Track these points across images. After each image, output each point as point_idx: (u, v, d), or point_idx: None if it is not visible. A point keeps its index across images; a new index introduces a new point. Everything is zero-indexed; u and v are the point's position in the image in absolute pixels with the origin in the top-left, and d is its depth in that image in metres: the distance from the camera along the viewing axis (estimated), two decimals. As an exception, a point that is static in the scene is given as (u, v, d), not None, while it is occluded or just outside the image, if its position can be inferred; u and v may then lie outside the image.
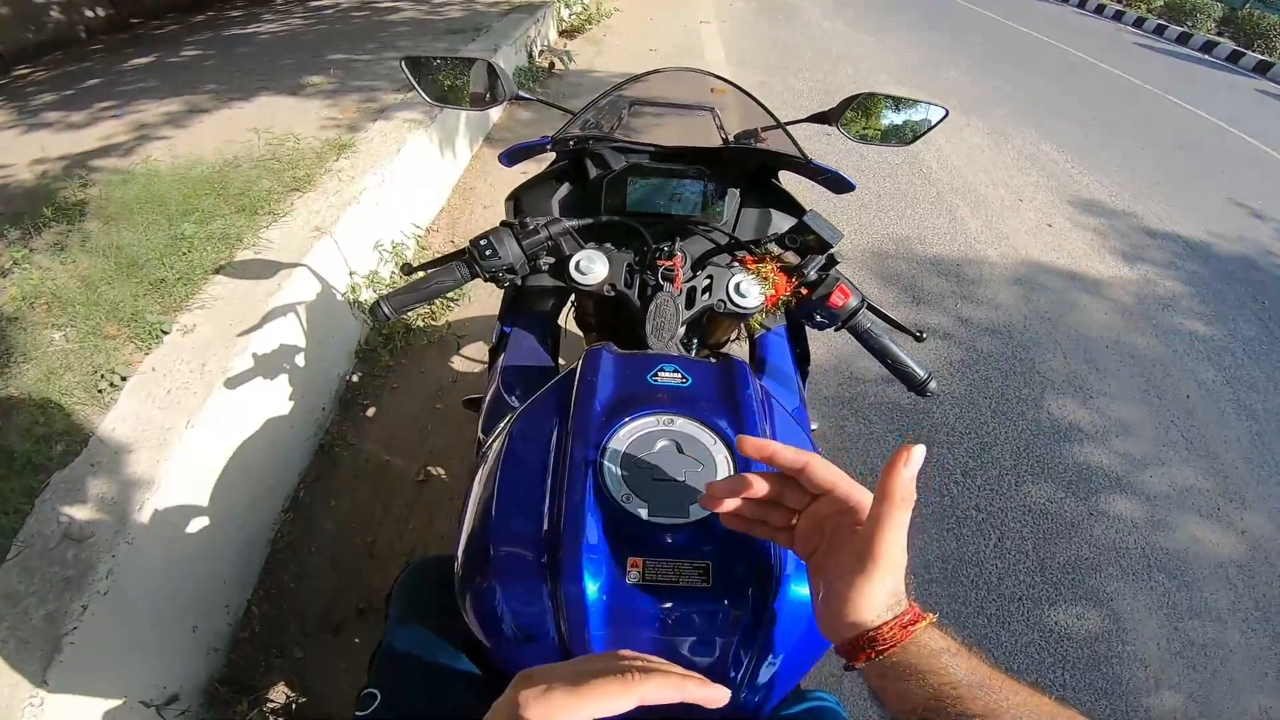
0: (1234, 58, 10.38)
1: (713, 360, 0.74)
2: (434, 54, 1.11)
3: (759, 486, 0.49)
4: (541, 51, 5.08)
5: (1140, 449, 2.29)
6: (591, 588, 0.54)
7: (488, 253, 0.85)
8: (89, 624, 1.07)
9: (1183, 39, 11.42)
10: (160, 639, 1.28)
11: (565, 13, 5.89)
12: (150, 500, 1.23)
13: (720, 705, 0.40)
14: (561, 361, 1.04)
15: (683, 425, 0.63)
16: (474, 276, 0.87)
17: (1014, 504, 2.02)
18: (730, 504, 0.50)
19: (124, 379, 1.46)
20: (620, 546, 0.56)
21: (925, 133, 1.13)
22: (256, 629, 1.54)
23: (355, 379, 2.15)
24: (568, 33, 5.90)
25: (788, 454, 0.48)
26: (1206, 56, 10.57)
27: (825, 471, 0.47)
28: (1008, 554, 1.89)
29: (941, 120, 1.12)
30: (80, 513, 1.19)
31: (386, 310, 0.85)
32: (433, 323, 2.32)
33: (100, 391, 1.43)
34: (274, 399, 1.70)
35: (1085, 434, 2.31)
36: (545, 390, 0.72)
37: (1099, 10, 13.24)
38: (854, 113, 1.10)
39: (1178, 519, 2.07)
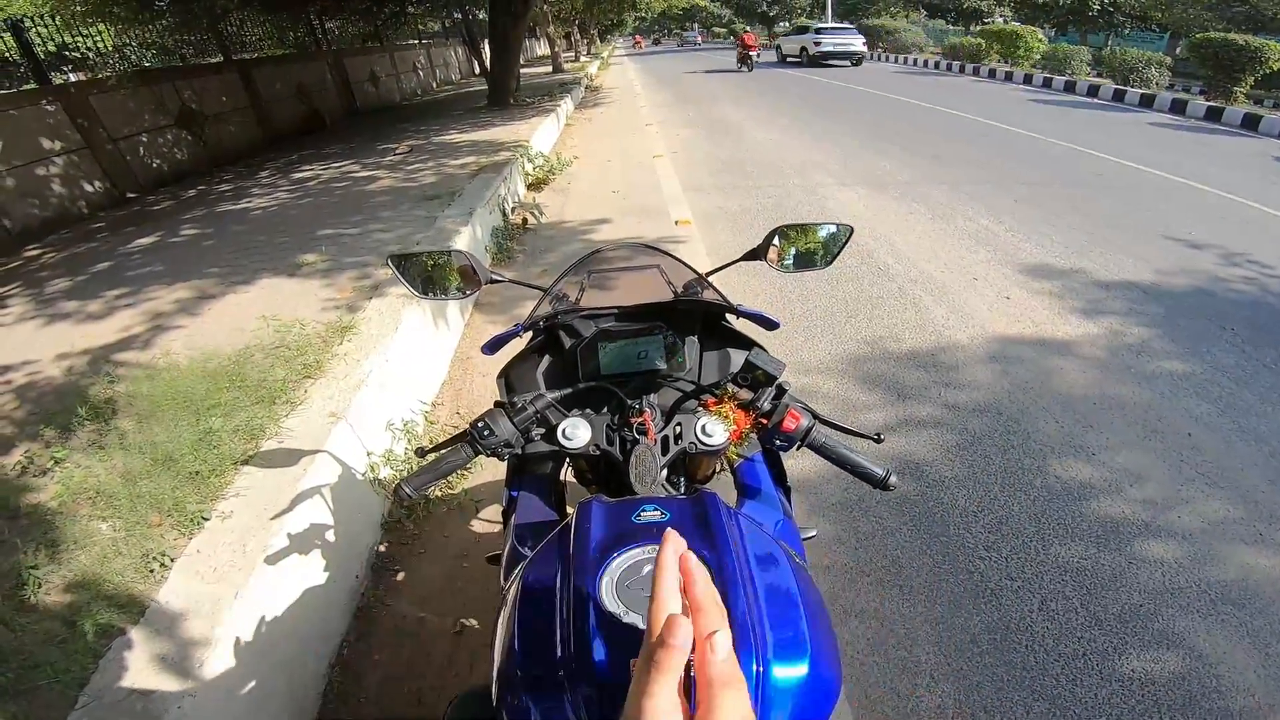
0: (1118, 96, 11.52)
1: (685, 496, 0.86)
2: (415, 251, 1.28)
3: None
4: (514, 208, 5.45)
5: (1159, 492, 2.32)
6: (604, 687, 0.63)
7: (486, 434, 0.96)
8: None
9: (1068, 87, 12.72)
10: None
11: (529, 166, 6.39)
12: (208, 661, 1.34)
13: None
14: (570, 510, 1.14)
15: None
16: (478, 454, 0.98)
17: (1047, 566, 2.03)
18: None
19: (172, 560, 1.55)
20: (622, 651, 0.65)
21: (839, 252, 1.27)
22: (317, 775, 1.53)
23: (383, 548, 2.18)
24: (535, 186, 6.37)
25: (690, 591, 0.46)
26: (1095, 100, 11.66)
27: (702, 626, 0.43)
28: (1055, 614, 1.87)
29: (850, 237, 1.26)
30: (143, 671, 1.30)
31: (408, 491, 0.96)
32: (450, 491, 2.38)
33: (151, 571, 1.53)
34: (311, 571, 1.76)
35: (1099, 489, 2.35)
36: (548, 540, 0.84)
37: (991, 74, 15.21)
38: (778, 245, 1.25)
39: (1223, 550, 2.07)
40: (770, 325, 1.11)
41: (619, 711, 0.58)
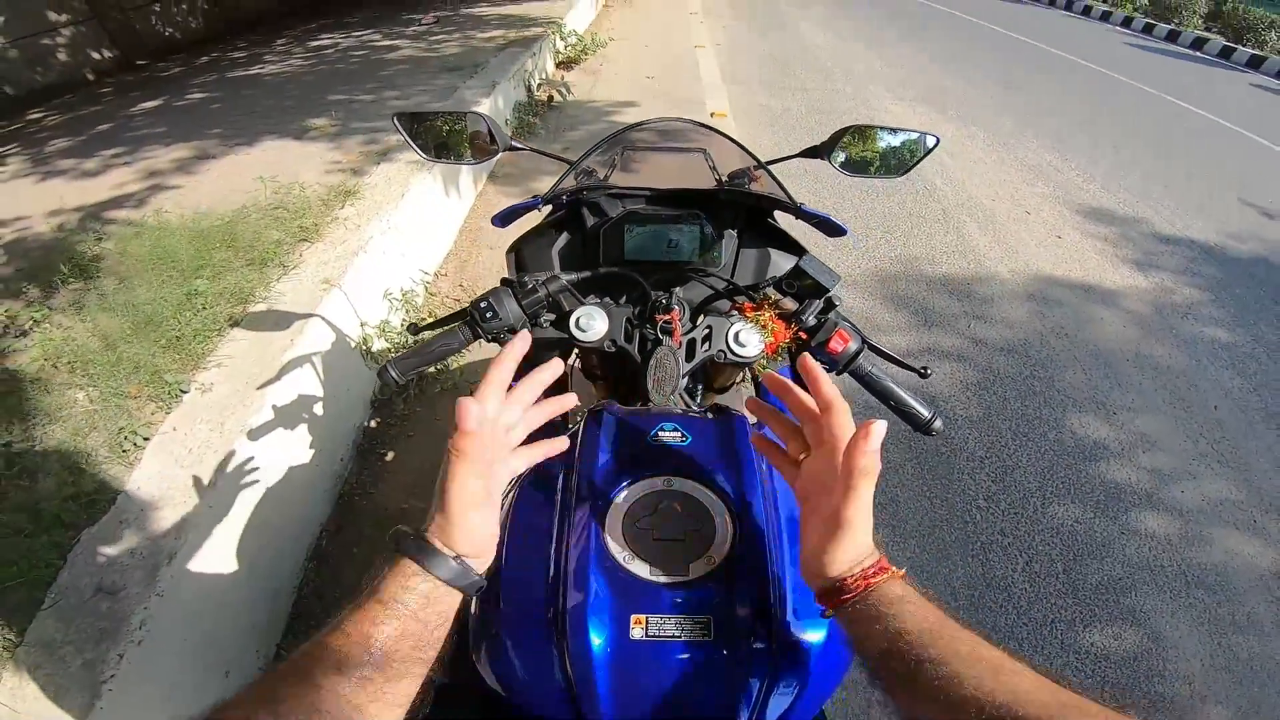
0: (1225, 53, 10.35)
1: (710, 415, 0.76)
2: (426, 109, 1.11)
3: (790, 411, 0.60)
4: (540, 85, 5.13)
5: (1169, 463, 2.25)
6: (596, 644, 0.56)
7: (488, 315, 0.86)
8: (126, 672, 1.11)
9: (1171, 37, 11.40)
10: (196, 685, 1.32)
11: (561, 44, 5.94)
12: (179, 554, 1.28)
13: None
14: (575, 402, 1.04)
15: (682, 485, 0.66)
16: (476, 338, 0.88)
17: (1041, 526, 1.99)
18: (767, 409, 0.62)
19: (146, 439, 1.49)
20: (623, 604, 0.58)
21: (917, 163, 1.11)
22: (289, 673, 1.56)
23: (373, 425, 2.15)
24: (565, 64, 5.95)
25: (822, 389, 0.56)
26: (1197, 53, 10.55)
27: (840, 424, 0.54)
28: (1037, 577, 1.85)
29: (933, 149, 1.09)
30: (112, 567, 1.24)
31: (394, 374, 0.87)
32: (444, 369, 2.32)
33: (125, 451, 1.46)
34: (293, 451, 1.72)
35: (1111, 451, 2.27)
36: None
37: (1086, 11, 13.29)
38: (844, 146, 1.08)
39: (1213, 533, 2.03)
40: (836, 231, 0.96)
41: (610, 668, 0.56)
